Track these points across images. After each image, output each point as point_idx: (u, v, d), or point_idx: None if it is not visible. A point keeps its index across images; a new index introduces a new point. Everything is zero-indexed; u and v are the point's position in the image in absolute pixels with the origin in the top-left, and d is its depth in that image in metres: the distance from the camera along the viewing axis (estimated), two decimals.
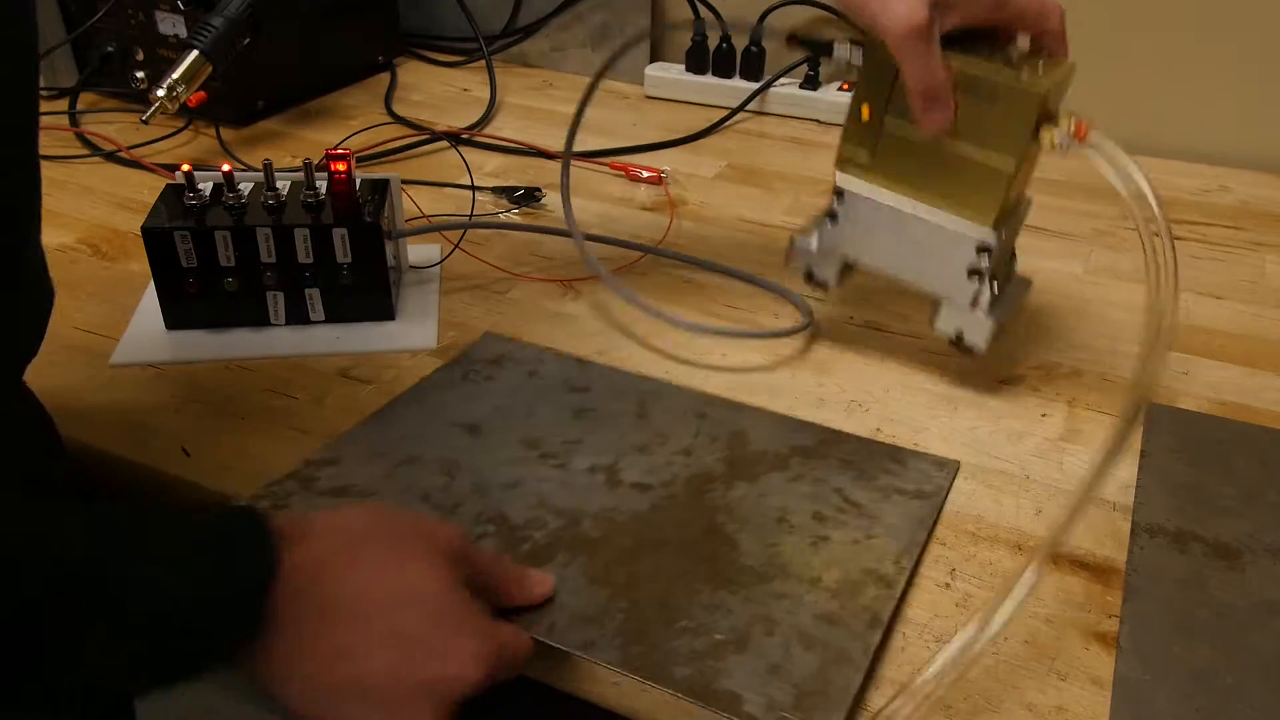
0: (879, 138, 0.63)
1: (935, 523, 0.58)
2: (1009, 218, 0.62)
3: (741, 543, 0.56)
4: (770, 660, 0.49)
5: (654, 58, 1.25)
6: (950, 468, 0.63)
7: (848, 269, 0.70)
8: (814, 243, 0.68)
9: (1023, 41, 0.59)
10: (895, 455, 0.63)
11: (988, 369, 0.72)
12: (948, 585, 0.55)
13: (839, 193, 0.65)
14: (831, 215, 0.67)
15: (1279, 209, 0.95)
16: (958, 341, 0.66)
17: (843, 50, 0.61)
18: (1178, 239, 0.89)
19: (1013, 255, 0.67)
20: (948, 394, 0.69)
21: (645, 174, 1.00)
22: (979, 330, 0.64)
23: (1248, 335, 0.76)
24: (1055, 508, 0.60)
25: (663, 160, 1.04)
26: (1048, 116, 0.58)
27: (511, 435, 0.64)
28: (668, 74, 1.19)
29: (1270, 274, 0.85)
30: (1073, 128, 0.57)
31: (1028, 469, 0.63)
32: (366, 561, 0.46)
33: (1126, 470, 0.63)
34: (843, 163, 0.65)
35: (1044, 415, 0.67)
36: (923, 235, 0.63)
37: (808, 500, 0.59)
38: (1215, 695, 0.48)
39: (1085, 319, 0.78)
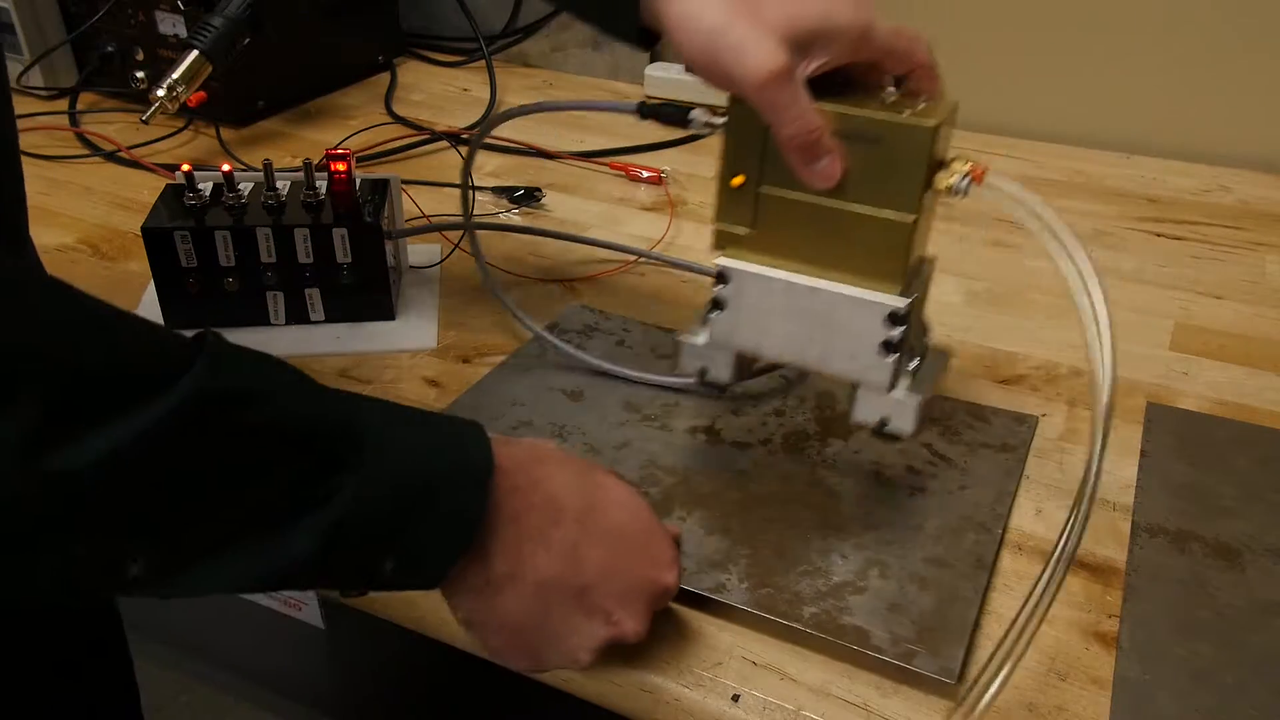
0: (757, 207, 0.55)
1: (1021, 474, 0.62)
2: (915, 280, 0.55)
3: (844, 494, 0.60)
4: (889, 599, 0.53)
5: (654, 58, 1.24)
6: (1030, 423, 0.66)
7: (749, 362, 0.61)
8: (703, 338, 0.59)
9: (895, 83, 0.53)
10: (977, 412, 0.67)
11: (988, 369, 0.72)
12: None
13: (721, 276, 0.57)
14: (717, 303, 0.57)
15: (1279, 209, 0.95)
16: (880, 430, 0.56)
17: (700, 114, 0.55)
18: (1178, 239, 0.90)
19: (925, 326, 0.59)
20: (948, 393, 0.69)
21: (645, 174, 1.00)
22: (903, 413, 0.55)
23: (1248, 335, 0.76)
24: (1055, 508, 0.60)
25: (663, 160, 1.04)
26: (939, 161, 0.52)
27: (612, 399, 0.67)
28: (668, 74, 1.19)
29: (1270, 274, 0.85)
30: (967, 169, 0.51)
31: (1028, 469, 0.63)
32: (566, 470, 0.48)
33: (1126, 470, 0.63)
34: (720, 241, 0.56)
35: (1044, 415, 0.67)
36: (824, 312, 0.55)
37: (899, 455, 0.63)
38: (1215, 695, 0.48)
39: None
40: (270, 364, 0.40)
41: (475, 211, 0.91)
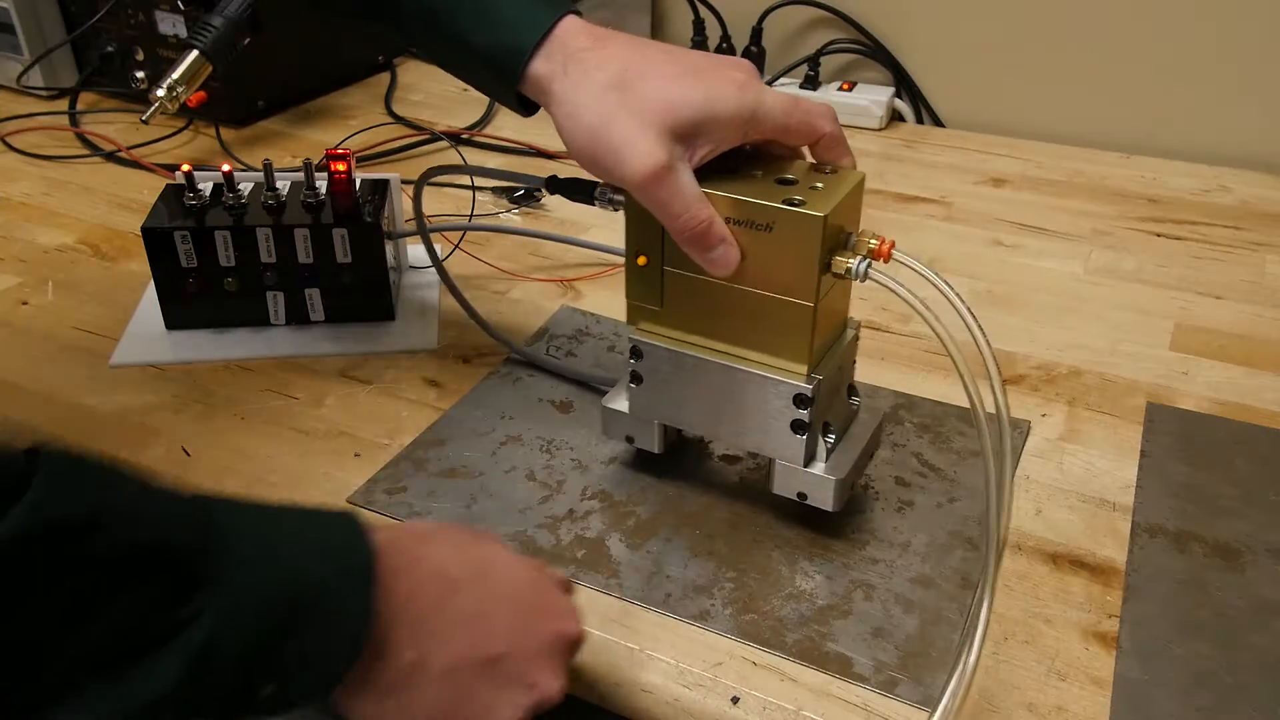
0: (663, 286, 0.54)
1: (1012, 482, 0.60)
2: (827, 356, 0.54)
3: (832, 511, 0.57)
4: (872, 624, 0.52)
5: None
6: (1023, 428, 0.65)
7: (676, 430, 0.61)
8: (623, 406, 0.59)
9: (805, 153, 0.52)
10: (968, 418, 0.65)
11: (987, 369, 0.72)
12: None
13: (635, 350, 0.56)
14: (635, 376, 0.57)
15: (1279, 209, 0.95)
16: (803, 500, 0.56)
17: (604, 191, 0.55)
18: (1178, 239, 0.90)
19: (851, 388, 0.58)
20: (948, 394, 0.69)
21: None
22: (821, 491, 0.55)
23: (1248, 335, 0.76)
24: (1055, 508, 0.60)
25: None
26: (839, 241, 0.50)
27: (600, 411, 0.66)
28: None
29: (1270, 274, 0.85)
30: (870, 249, 0.50)
31: (1028, 469, 0.63)
32: (448, 544, 0.46)
33: (1126, 470, 0.63)
34: (633, 315, 0.56)
35: (1044, 415, 0.67)
36: (734, 389, 0.54)
37: (889, 466, 0.62)
38: (1215, 695, 0.48)
39: (1085, 319, 0.78)
40: (110, 476, 0.37)
41: (475, 212, 0.91)
